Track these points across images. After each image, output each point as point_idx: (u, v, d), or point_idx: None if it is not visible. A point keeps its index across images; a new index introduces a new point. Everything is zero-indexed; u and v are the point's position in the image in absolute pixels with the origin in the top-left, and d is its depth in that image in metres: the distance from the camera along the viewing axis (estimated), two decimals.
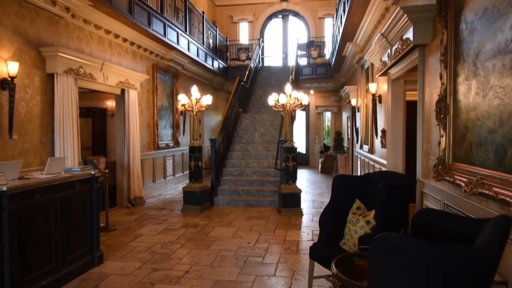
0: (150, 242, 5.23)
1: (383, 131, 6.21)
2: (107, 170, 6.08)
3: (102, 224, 5.82)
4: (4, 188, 3.12)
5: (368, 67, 7.61)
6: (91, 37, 6.61)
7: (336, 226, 3.75)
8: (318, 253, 3.62)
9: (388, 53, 4.92)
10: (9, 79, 4.77)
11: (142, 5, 7.17)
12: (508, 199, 2.21)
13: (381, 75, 5.69)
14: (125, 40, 7.54)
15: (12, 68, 4.76)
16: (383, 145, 6.21)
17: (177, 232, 5.77)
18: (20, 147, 5.05)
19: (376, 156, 6.90)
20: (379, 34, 4.89)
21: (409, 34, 3.92)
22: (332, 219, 3.80)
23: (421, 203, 3.98)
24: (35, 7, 5.26)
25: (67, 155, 5.65)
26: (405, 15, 3.76)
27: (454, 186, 3.07)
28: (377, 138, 6.77)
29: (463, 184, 2.84)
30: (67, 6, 5.69)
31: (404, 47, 4.12)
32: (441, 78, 3.29)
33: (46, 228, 3.62)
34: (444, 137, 3.29)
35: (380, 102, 6.54)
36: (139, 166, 7.84)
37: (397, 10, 3.90)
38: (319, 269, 3.73)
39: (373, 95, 6.77)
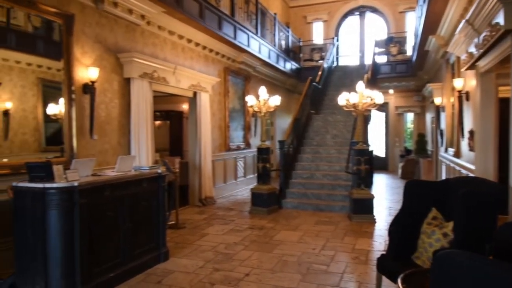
0: (215, 242, 5.26)
1: (471, 132, 5.52)
2: (177, 170, 6.28)
3: (173, 222, 6.04)
4: (76, 184, 3.33)
5: (454, 61, 6.87)
6: (165, 42, 6.91)
7: (408, 237, 3.36)
8: (386, 265, 3.27)
9: (476, 43, 4.34)
10: (90, 83, 5.15)
11: (212, 10, 7.33)
12: None
13: (468, 68, 5.05)
14: (197, 44, 7.77)
15: (93, 73, 5.14)
16: (471, 148, 5.52)
17: (242, 233, 5.74)
18: (99, 147, 5.43)
19: (463, 160, 6.17)
20: (463, 21, 4.34)
21: (499, 18, 3.38)
22: (403, 229, 3.42)
23: None
24: (114, 16, 5.63)
25: (142, 155, 5.95)
26: None
27: None
28: (463, 140, 6.06)
29: None
30: (143, 14, 6.00)
31: (494, 33, 3.57)
32: None
33: (114, 223, 3.80)
34: None
35: (467, 99, 5.84)
36: (210, 167, 8.02)
37: None
38: (388, 282, 3.37)
39: (459, 92, 6.07)
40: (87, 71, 5.13)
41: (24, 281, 3.35)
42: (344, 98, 6.63)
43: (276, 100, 7.08)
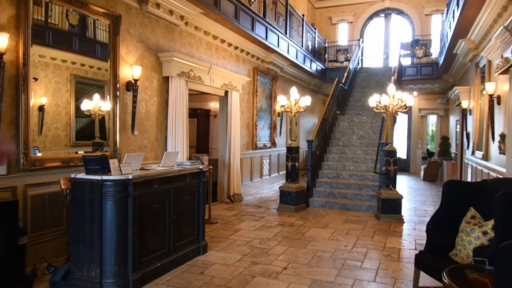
0: (249, 237, 5.45)
1: (502, 136, 5.57)
2: (211, 166, 6.49)
3: (205, 217, 6.25)
4: (130, 177, 3.55)
5: (484, 65, 6.89)
6: (201, 42, 7.14)
7: (445, 235, 3.48)
8: (425, 262, 3.40)
9: None
10: (133, 81, 5.40)
11: (246, 11, 7.52)
12: None
13: (502, 73, 5.11)
14: (230, 44, 7.98)
15: (136, 71, 5.38)
16: (502, 151, 5.57)
17: (273, 229, 5.91)
18: (139, 142, 5.69)
19: (492, 163, 6.21)
20: (501, 27, 4.41)
21: None
22: (441, 227, 3.54)
23: None
24: (156, 17, 5.88)
25: (178, 151, 6.18)
26: None
27: None
28: (493, 143, 6.10)
29: None
30: (182, 14, 6.23)
31: None
32: None
33: (160, 216, 4.03)
34: None
35: (498, 103, 5.88)
36: (238, 165, 8.22)
37: None
38: (424, 280, 3.50)
39: (491, 95, 6.10)
40: (131, 69, 5.38)
41: (79, 268, 3.57)
42: (375, 100, 6.72)
43: (307, 101, 7.23)
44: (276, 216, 6.90)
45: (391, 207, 6.55)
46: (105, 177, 3.48)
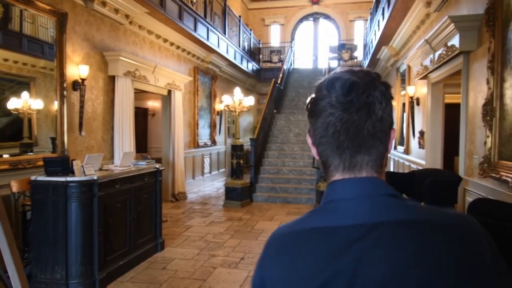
0: (202, 233, 5.65)
1: (421, 132, 6.43)
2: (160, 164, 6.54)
3: None
4: (95, 177, 3.59)
5: (404, 70, 7.83)
6: (144, 41, 7.12)
7: None
8: None
9: (431, 58, 5.17)
10: (80, 81, 5.29)
11: (189, 11, 7.64)
12: None
13: (421, 78, 5.93)
14: (172, 44, 8.03)
15: (83, 71, 5.28)
16: (421, 146, 6.43)
17: (224, 224, 6.18)
18: (86, 143, 5.57)
19: (413, 156, 7.12)
20: (422, 40, 5.15)
21: (455, 41, 4.18)
22: None
23: (464, 199, 4.23)
24: (101, 15, 5.78)
25: (125, 151, 6.14)
26: (452, 24, 4.03)
27: (500, 183, 3.33)
28: (414, 139, 6.99)
29: (510, 180, 3.10)
30: (127, 13, 6.18)
31: (449, 53, 4.38)
32: (487, 83, 3.55)
33: (122, 215, 4.09)
34: (490, 138, 3.54)
35: (418, 104, 6.76)
36: (182, 163, 8.31)
37: (444, 19, 4.17)
38: None
39: (411, 97, 6.99)
40: (77, 68, 5.26)
41: (43, 270, 3.52)
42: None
43: (250, 101, 7.58)
44: (223, 211, 7.16)
45: None
46: (69, 179, 3.47)
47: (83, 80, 5.29)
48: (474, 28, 3.93)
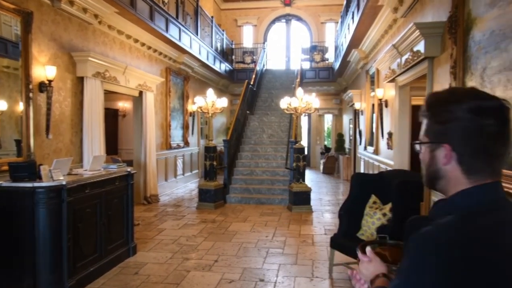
0: (175, 236, 5.61)
1: (390, 134, 6.64)
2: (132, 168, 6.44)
3: None
4: (64, 182, 3.50)
5: (373, 72, 8.05)
6: (114, 42, 6.98)
7: (354, 219, 4.17)
8: (339, 243, 4.04)
9: (398, 62, 5.35)
10: (47, 82, 5.13)
11: (161, 12, 7.55)
12: (510, 191, 2.63)
13: (390, 81, 6.12)
14: (143, 44, 7.91)
15: (50, 72, 5.12)
16: (389, 146, 6.64)
17: (197, 226, 6.16)
18: (54, 146, 5.41)
19: (382, 157, 7.33)
20: (390, 45, 5.32)
21: (420, 47, 4.35)
22: (350, 212, 4.22)
23: (429, 198, 4.41)
24: (69, 14, 5.62)
25: (95, 154, 6.00)
26: (417, 30, 4.19)
27: None
28: (383, 140, 7.20)
29: None
30: (96, 13, 6.05)
31: (415, 58, 4.55)
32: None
33: (93, 220, 4.01)
34: None
35: (386, 106, 6.97)
36: (155, 165, 8.21)
37: (410, 25, 4.32)
38: (337, 258, 4.14)
39: (380, 99, 7.20)
40: (44, 69, 5.10)
41: (9, 280, 3.41)
42: (286, 102, 7.38)
43: (223, 102, 7.57)
44: (196, 214, 7.13)
45: (301, 199, 7.28)
46: (37, 184, 3.37)
47: (50, 81, 5.13)
48: (437, 35, 4.10)
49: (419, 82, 5.37)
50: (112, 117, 11.04)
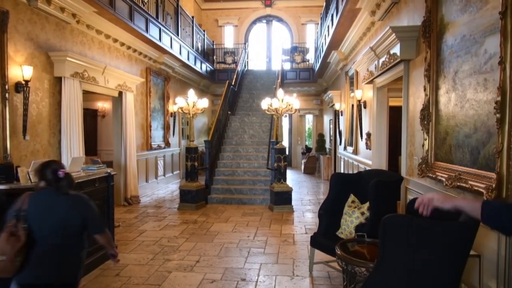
0: (156, 237, 5.59)
1: (368, 134, 6.78)
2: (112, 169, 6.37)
3: None
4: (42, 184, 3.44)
5: (352, 74, 8.20)
6: (93, 41, 6.89)
7: (333, 218, 4.26)
8: (319, 241, 4.11)
9: (375, 65, 5.48)
10: (23, 82, 5.03)
11: (141, 12, 7.50)
12: (481, 189, 2.75)
13: (368, 83, 6.26)
14: (122, 44, 7.84)
15: (27, 72, 5.03)
16: (368, 146, 6.78)
17: (179, 227, 6.15)
18: (31, 147, 5.31)
19: (361, 157, 7.48)
20: (368, 47, 5.44)
21: (396, 50, 4.47)
22: (329, 212, 4.30)
23: (406, 197, 4.55)
24: (45, 13, 5.53)
25: (74, 155, 5.92)
26: (393, 34, 4.31)
27: (436, 182, 3.62)
28: (362, 140, 7.35)
29: (444, 179, 3.39)
30: (74, 12, 5.97)
31: (391, 60, 4.68)
32: (424, 90, 3.85)
33: None
34: (427, 140, 3.85)
35: (365, 107, 7.12)
36: (135, 166, 8.14)
37: (386, 29, 4.44)
38: (317, 257, 4.22)
39: (359, 101, 7.34)
40: (20, 69, 5.00)
41: None
42: (266, 103, 7.44)
43: (204, 103, 7.58)
44: (178, 215, 7.11)
45: (283, 199, 7.36)
46: (14, 186, 3.32)
47: (27, 81, 5.04)
48: (413, 39, 4.23)
49: (396, 84, 5.51)
50: (91, 118, 10.89)
